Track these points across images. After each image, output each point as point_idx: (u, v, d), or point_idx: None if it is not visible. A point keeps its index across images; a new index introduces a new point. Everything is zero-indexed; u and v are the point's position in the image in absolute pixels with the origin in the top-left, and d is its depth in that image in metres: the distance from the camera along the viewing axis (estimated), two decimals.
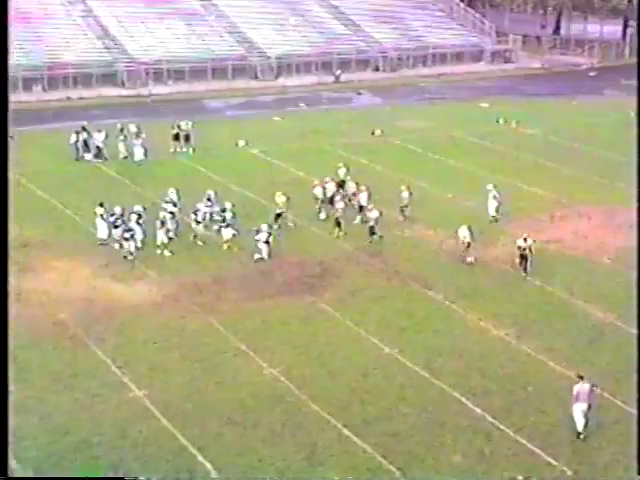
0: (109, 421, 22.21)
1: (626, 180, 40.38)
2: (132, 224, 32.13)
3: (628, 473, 20.45)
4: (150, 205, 36.53)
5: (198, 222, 33.25)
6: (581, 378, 21.89)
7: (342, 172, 38.58)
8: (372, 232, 33.54)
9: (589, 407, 21.56)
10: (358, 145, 47.21)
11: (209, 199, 34.58)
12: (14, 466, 19.90)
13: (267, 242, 31.88)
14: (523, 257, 30.57)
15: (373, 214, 33.62)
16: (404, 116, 54.19)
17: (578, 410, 21.53)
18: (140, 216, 32.76)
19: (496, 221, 35.71)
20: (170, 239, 32.58)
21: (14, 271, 25.93)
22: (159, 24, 66.77)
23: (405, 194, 35.84)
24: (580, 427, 21.54)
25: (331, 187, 36.52)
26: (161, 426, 22.01)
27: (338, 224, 34.24)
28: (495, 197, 35.75)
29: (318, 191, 36.29)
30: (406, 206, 35.82)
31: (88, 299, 28.78)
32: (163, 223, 32.53)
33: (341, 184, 37.50)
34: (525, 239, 30.53)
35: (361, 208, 35.11)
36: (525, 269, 30.53)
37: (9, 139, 20.47)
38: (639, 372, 23.78)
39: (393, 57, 68.78)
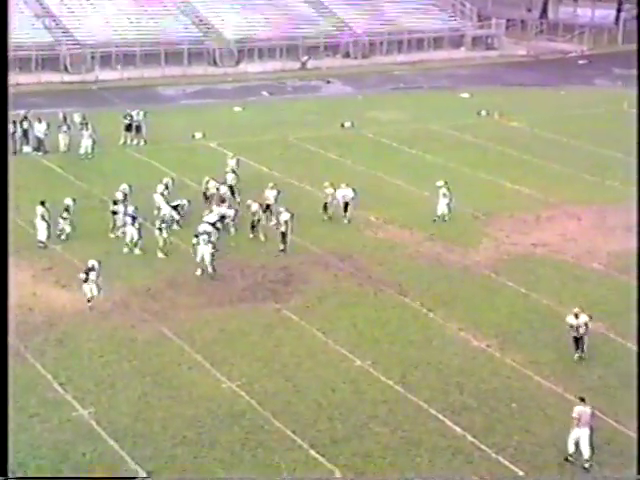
0: (49, 443, 22.04)
1: (619, 178, 40.86)
2: (91, 262, 29.03)
3: None
4: (98, 202, 36.60)
5: (160, 229, 32.58)
6: (583, 400, 21.72)
7: (232, 163, 38.66)
8: (284, 239, 32.83)
9: (591, 430, 21.41)
10: (326, 138, 47.31)
11: (167, 187, 35.46)
12: None
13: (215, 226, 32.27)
14: (577, 339, 25.87)
15: (283, 217, 32.87)
16: (377, 107, 54.36)
17: (584, 436, 21.22)
18: (68, 209, 33.19)
19: (444, 220, 35.83)
20: (140, 236, 32.50)
21: None
22: (106, 2, 66.36)
23: (329, 190, 35.90)
24: (587, 454, 21.32)
25: (213, 186, 36.39)
26: (107, 448, 21.90)
27: (253, 227, 33.93)
28: (445, 195, 35.93)
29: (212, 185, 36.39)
30: (327, 204, 35.87)
31: (26, 306, 28.57)
32: (134, 219, 32.52)
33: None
34: (576, 315, 25.75)
35: (267, 207, 34.62)
36: (582, 351, 25.96)
37: None
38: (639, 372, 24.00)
39: (365, 42, 68.93)
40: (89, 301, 28.60)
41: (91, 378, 24.78)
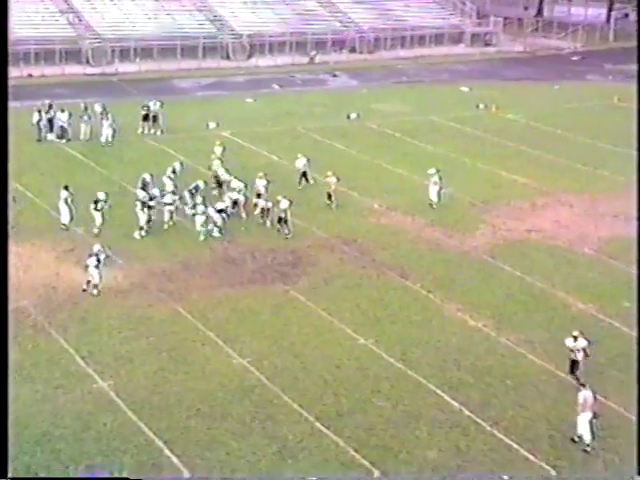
0: (72, 413, 22.14)
1: (610, 168, 40.80)
2: (96, 259, 28.09)
3: (607, 467, 20.76)
4: (117, 189, 36.64)
5: (171, 204, 33.20)
6: (583, 386, 21.64)
7: (218, 151, 38.38)
8: (284, 222, 32.61)
9: (594, 415, 21.26)
10: (333, 129, 47.25)
11: (174, 171, 35.57)
12: None
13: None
14: (574, 362, 23.85)
15: (282, 205, 32.62)
16: (381, 99, 54.27)
17: (585, 420, 21.14)
18: (97, 202, 32.56)
19: (432, 208, 35.60)
20: (149, 221, 32.57)
21: None
22: None
23: (333, 180, 35.65)
24: (588, 438, 21.19)
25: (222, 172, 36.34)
26: (126, 418, 22.00)
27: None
28: (436, 182, 35.83)
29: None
30: (331, 193, 35.65)
31: (51, 285, 28.66)
32: (144, 204, 32.60)
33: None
34: (575, 337, 23.84)
35: (258, 196, 34.33)
36: (576, 377, 23.69)
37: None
38: (639, 366, 24.05)
39: (370, 38, 68.78)
40: (89, 283, 27.91)
41: (111, 353, 24.88)
